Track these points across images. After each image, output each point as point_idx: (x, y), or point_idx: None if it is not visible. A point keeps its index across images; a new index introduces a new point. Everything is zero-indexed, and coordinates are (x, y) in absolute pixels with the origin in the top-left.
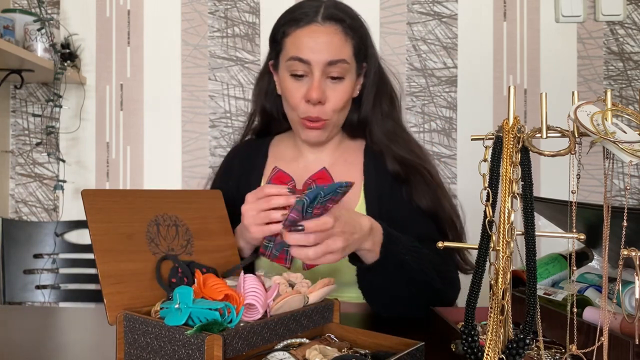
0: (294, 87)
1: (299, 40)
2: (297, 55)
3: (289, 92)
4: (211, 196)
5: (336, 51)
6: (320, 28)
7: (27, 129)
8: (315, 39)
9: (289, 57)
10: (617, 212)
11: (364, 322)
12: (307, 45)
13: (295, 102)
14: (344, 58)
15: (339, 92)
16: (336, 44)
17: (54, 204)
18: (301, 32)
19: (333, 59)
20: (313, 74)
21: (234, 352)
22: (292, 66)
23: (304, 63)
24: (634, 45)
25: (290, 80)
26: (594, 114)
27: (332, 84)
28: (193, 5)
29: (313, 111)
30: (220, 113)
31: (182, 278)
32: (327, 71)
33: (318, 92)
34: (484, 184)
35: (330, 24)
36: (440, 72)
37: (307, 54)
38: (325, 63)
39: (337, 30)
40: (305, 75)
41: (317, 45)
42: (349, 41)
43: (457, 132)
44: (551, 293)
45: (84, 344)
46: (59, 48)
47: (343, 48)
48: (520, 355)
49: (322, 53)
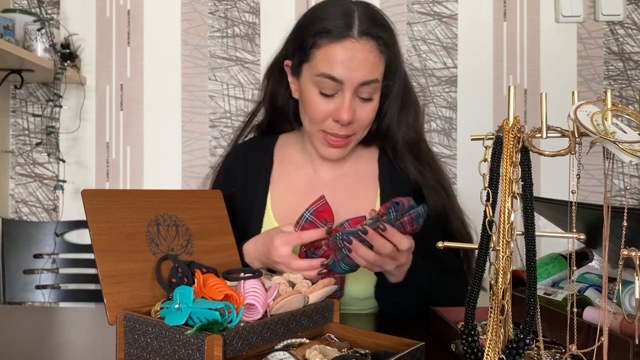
0: (321, 103)
1: (332, 57)
2: (329, 74)
3: (315, 108)
4: (211, 196)
5: (370, 71)
6: (356, 45)
7: (27, 129)
8: (350, 57)
9: (319, 73)
10: (617, 212)
11: (364, 322)
12: (341, 64)
13: (321, 118)
14: (377, 77)
15: (368, 111)
16: (371, 62)
17: (54, 204)
18: (335, 48)
19: (367, 79)
20: (344, 93)
21: (234, 352)
22: (322, 83)
23: (336, 82)
24: (634, 45)
25: (318, 96)
26: (594, 114)
27: (361, 103)
28: (193, 5)
29: (341, 129)
30: (220, 113)
31: (182, 278)
32: (359, 91)
33: (349, 114)
34: (484, 184)
35: (366, 40)
36: (440, 72)
37: (340, 72)
38: (359, 83)
39: (372, 47)
40: (334, 94)
41: (352, 64)
42: (382, 59)
43: (457, 132)
44: (551, 293)
45: (84, 344)
46: (59, 48)
47: (377, 67)
48: (520, 355)
49: (356, 72)
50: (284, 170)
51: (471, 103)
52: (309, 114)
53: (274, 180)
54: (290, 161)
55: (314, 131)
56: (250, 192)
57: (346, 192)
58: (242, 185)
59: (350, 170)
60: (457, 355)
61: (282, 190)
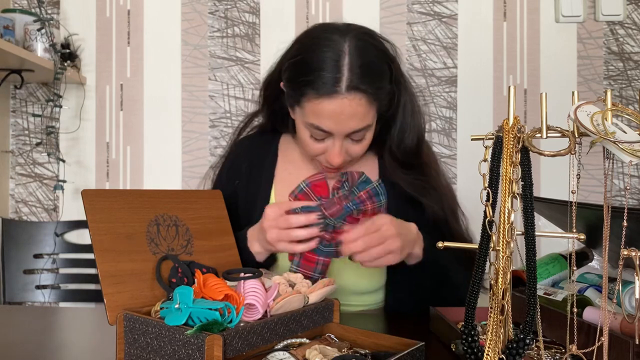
0: (312, 144)
1: (319, 111)
2: (318, 125)
3: (307, 147)
4: (211, 196)
5: (361, 120)
6: (344, 101)
7: (27, 129)
8: (339, 112)
9: (308, 122)
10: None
11: (364, 322)
12: (329, 118)
13: (314, 155)
14: (369, 124)
15: (360, 148)
16: (361, 113)
17: (54, 204)
18: (321, 103)
19: (357, 128)
20: (334, 140)
21: (234, 352)
22: (312, 131)
23: (325, 132)
24: (634, 45)
25: (310, 139)
26: (594, 114)
27: (352, 144)
28: (193, 5)
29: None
30: (220, 113)
31: (182, 278)
32: (350, 136)
33: (339, 159)
34: (484, 184)
35: (354, 94)
36: (440, 72)
37: (329, 125)
38: (347, 132)
39: (362, 100)
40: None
41: (340, 118)
42: (373, 104)
43: (457, 132)
44: (551, 293)
45: (84, 344)
46: (59, 48)
47: (367, 115)
48: (520, 355)
49: (345, 125)
50: (287, 167)
51: (471, 103)
52: (303, 147)
53: (277, 175)
54: (293, 160)
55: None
56: (254, 184)
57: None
58: (246, 178)
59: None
60: (457, 355)
61: (284, 186)
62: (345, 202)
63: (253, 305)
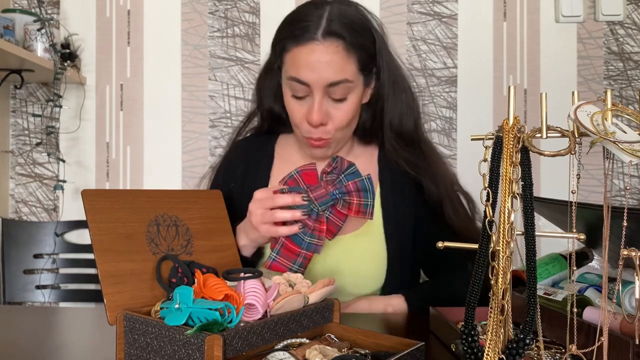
0: (295, 106)
1: (297, 60)
2: (296, 77)
3: (291, 111)
4: (211, 196)
5: (337, 71)
6: (319, 47)
7: (27, 129)
8: (314, 58)
9: (288, 76)
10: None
11: (364, 322)
12: (305, 66)
13: (297, 121)
14: (347, 77)
15: (342, 112)
16: (337, 63)
17: (54, 204)
18: (300, 51)
19: (334, 80)
20: (313, 95)
21: (234, 352)
22: (293, 86)
23: (304, 84)
24: (634, 45)
25: (292, 99)
26: (594, 114)
27: (334, 104)
28: (193, 5)
29: (315, 132)
30: (220, 113)
31: (182, 278)
32: (329, 92)
33: (319, 115)
34: (484, 184)
35: (331, 40)
36: (440, 72)
37: (305, 75)
38: (325, 84)
39: (338, 47)
40: (306, 96)
41: (315, 66)
42: (352, 57)
43: (457, 132)
44: (551, 293)
45: (84, 344)
46: (59, 48)
47: (345, 66)
48: (520, 355)
49: (322, 74)
50: (284, 168)
51: (471, 103)
52: (290, 116)
53: (273, 176)
54: (290, 159)
55: (299, 136)
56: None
57: None
58: (241, 180)
59: None
60: (457, 355)
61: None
62: (332, 188)
63: (253, 305)
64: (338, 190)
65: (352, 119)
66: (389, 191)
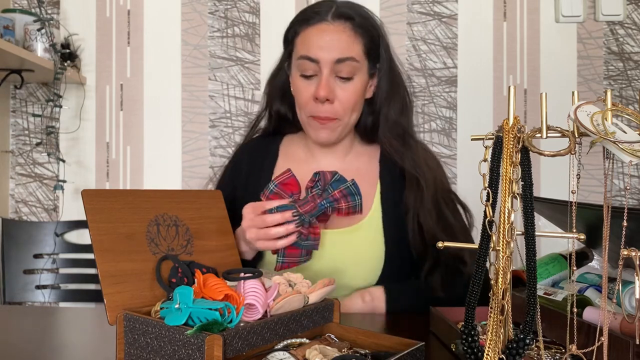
0: (303, 86)
1: (308, 39)
2: (305, 54)
3: (299, 91)
4: (211, 196)
5: (344, 49)
6: (329, 26)
7: (27, 129)
8: (323, 36)
9: (298, 56)
10: (617, 212)
11: (364, 322)
12: (315, 44)
13: (304, 100)
14: (353, 56)
15: (348, 92)
16: (345, 40)
17: (54, 204)
18: (310, 31)
19: (341, 56)
20: (321, 71)
21: (234, 352)
22: (302, 65)
23: (313, 62)
24: (634, 45)
25: (300, 79)
26: (594, 114)
27: (341, 83)
28: (193, 5)
29: (322, 110)
30: (220, 113)
31: (182, 278)
32: (336, 70)
33: (326, 90)
34: (484, 184)
35: (339, 21)
36: (440, 72)
37: (315, 51)
38: (333, 61)
39: (345, 27)
40: (314, 75)
41: (324, 42)
42: (358, 39)
43: (457, 132)
44: (551, 293)
45: (84, 344)
46: (59, 48)
47: (352, 45)
48: (520, 355)
49: (329, 50)
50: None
51: (471, 103)
52: (296, 100)
53: (277, 172)
54: (294, 157)
55: (303, 118)
56: (253, 184)
57: None
58: (245, 180)
59: (351, 166)
60: (457, 355)
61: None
62: (319, 199)
63: (253, 305)
64: (326, 200)
65: (357, 103)
66: (389, 189)
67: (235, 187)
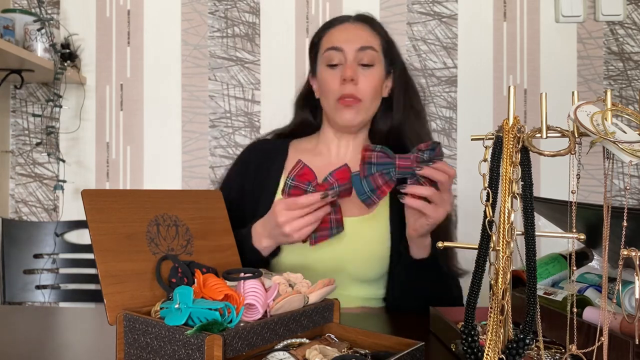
0: (330, 75)
1: (333, 35)
2: (332, 45)
3: (326, 81)
4: (211, 196)
5: (365, 40)
6: (351, 25)
7: (27, 129)
8: (347, 31)
9: (325, 50)
10: (617, 212)
11: (364, 322)
12: (340, 37)
13: (332, 86)
14: (373, 46)
15: (369, 78)
16: (365, 35)
17: (54, 204)
18: (334, 30)
19: (363, 45)
20: (346, 59)
21: (234, 352)
22: (329, 56)
23: (338, 51)
24: (634, 45)
25: (327, 70)
26: (594, 114)
27: (363, 70)
28: (193, 5)
29: (348, 89)
30: (220, 113)
31: (182, 278)
32: (359, 57)
33: (351, 71)
34: (484, 184)
35: (359, 22)
36: (440, 72)
37: (339, 42)
38: (356, 49)
39: (365, 27)
40: (339, 65)
41: (348, 35)
42: (376, 36)
43: (457, 132)
44: (551, 293)
45: (84, 344)
46: (59, 48)
47: (371, 38)
48: (520, 355)
49: (352, 42)
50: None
51: (471, 103)
52: (324, 91)
53: (287, 167)
54: (305, 152)
55: (330, 103)
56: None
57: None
58: (254, 174)
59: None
60: (457, 355)
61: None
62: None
63: (253, 305)
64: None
65: (376, 91)
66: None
67: (244, 185)
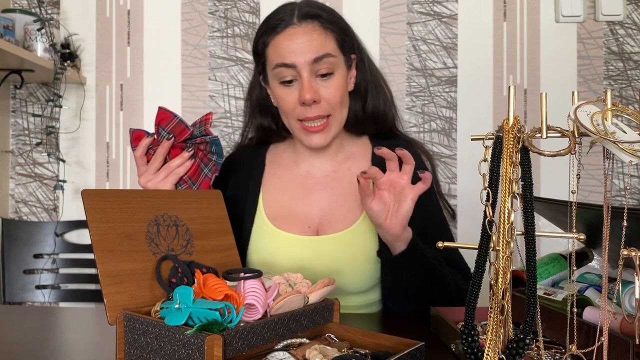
0: (285, 93)
1: (279, 46)
2: (281, 62)
3: (282, 100)
4: (211, 196)
5: (318, 47)
6: (297, 29)
7: (27, 129)
8: (294, 40)
9: (274, 66)
10: (617, 212)
11: (364, 322)
12: (287, 49)
13: (290, 107)
14: (329, 52)
15: (332, 88)
16: (317, 39)
17: (54, 204)
18: (279, 38)
19: (317, 55)
20: (301, 75)
21: (234, 352)
22: (279, 74)
23: (290, 67)
24: (634, 45)
25: (281, 87)
26: (594, 114)
27: (322, 82)
28: (193, 5)
29: (310, 110)
30: (220, 113)
31: (182, 278)
32: (315, 69)
33: (310, 92)
34: (484, 184)
35: (306, 22)
36: (440, 72)
37: (289, 57)
38: (310, 62)
39: (314, 26)
40: (294, 80)
41: (297, 46)
42: (329, 34)
43: (457, 132)
44: (551, 293)
45: (84, 344)
46: (59, 48)
47: (325, 42)
48: (520, 355)
49: (304, 53)
50: (276, 172)
51: (471, 103)
52: (281, 108)
53: (265, 181)
54: (282, 163)
55: (292, 124)
56: (241, 193)
57: (338, 189)
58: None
59: (342, 167)
60: (457, 355)
61: (273, 191)
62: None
63: (253, 305)
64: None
65: (343, 98)
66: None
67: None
